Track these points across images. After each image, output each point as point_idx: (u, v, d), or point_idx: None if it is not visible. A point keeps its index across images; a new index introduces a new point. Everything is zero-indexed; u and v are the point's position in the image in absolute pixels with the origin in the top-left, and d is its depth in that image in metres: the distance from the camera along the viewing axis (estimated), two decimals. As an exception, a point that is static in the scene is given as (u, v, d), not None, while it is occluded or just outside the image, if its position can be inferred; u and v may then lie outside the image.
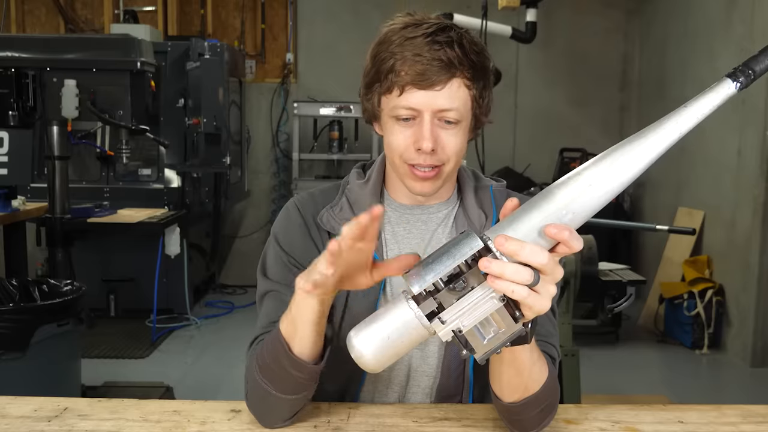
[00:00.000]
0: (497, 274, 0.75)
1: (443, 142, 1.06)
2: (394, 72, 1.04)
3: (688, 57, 5.04)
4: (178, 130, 4.75)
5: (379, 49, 1.07)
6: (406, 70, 1.03)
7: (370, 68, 1.09)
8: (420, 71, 1.02)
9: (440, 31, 1.04)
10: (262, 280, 1.15)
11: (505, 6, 3.32)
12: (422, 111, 1.05)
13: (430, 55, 1.02)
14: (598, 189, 0.78)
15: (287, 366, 0.99)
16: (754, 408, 1.17)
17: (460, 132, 1.08)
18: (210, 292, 5.60)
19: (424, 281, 0.77)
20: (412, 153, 1.07)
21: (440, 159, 1.07)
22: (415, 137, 1.06)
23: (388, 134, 1.10)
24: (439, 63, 1.02)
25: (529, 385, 0.98)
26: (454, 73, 1.04)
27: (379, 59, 1.06)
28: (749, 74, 0.79)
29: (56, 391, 2.37)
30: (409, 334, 0.81)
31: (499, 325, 0.79)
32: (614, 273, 4.28)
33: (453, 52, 1.02)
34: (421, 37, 1.03)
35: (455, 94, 1.05)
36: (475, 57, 1.05)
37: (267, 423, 1.07)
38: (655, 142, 0.79)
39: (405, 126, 1.07)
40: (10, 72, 3.19)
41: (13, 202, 3.64)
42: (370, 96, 1.11)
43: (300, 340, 0.98)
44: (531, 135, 5.98)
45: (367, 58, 1.10)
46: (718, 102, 0.79)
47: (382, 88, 1.07)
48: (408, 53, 1.03)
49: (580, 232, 0.80)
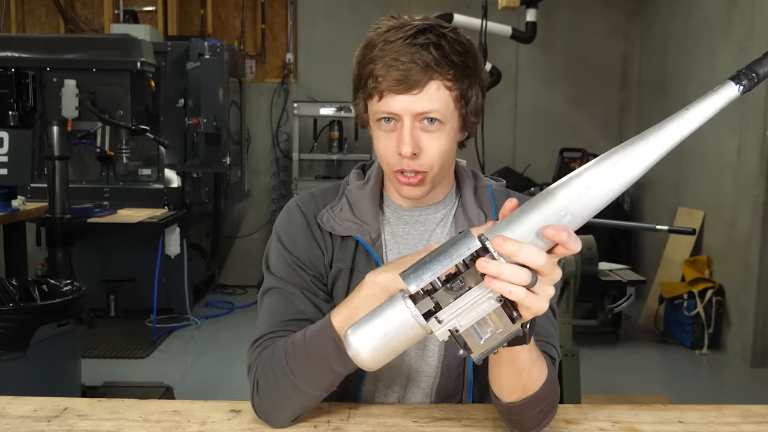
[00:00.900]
0: (494, 275, 0.75)
1: (425, 147, 1.06)
2: (373, 77, 1.04)
3: (688, 57, 5.04)
4: (178, 130, 4.75)
5: (363, 55, 1.07)
6: (383, 75, 1.03)
7: (355, 74, 1.09)
8: (397, 77, 1.02)
9: (419, 33, 1.03)
10: (267, 275, 1.16)
11: (505, 6, 3.31)
12: (402, 115, 1.04)
13: (406, 58, 1.01)
14: (597, 191, 0.78)
15: (333, 360, 0.99)
16: (754, 408, 1.17)
17: (444, 134, 1.07)
18: (210, 292, 5.60)
19: (422, 280, 0.77)
20: (396, 158, 1.07)
21: (422, 164, 1.07)
22: (397, 142, 1.06)
23: (375, 140, 1.11)
24: (415, 66, 1.01)
25: (529, 385, 0.98)
26: (432, 76, 1.02)
27: (362, 65, 1.06)
28: (752, 77, 0.79)
29: (56, 391, 2.37)
30: (405, 333, 0.81)
31: (497, 326, 0.79)
32: (614, 273, 4.28)
33: (429, 55, 1.01)
34: (401, 40, 1.02)
35: (434, 96, 1.03)
36: (456, 57, 1.03)
37: (276, 421, 1.06)
38: (656, 144, 0.78)
39: (388, 131, 1.07)
40: (10, 72, 3.19)
41: (13, 202, 3.64)
42: (357, 102, 1.11)
43: None
44: (531, 135, 5.98)
45: (353, 64, 1.10)
46: (721, 105, 0.79)
47: (365, 94, 1.07)
48: (387, 58, 1.02)
49: (580, 232, 0.80)
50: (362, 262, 1.15)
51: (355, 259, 1.16)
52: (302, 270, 1.14)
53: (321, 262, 1.15)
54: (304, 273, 1.13)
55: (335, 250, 1.16)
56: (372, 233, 1.15)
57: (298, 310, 1.09)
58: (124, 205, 4.22)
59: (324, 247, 1.16)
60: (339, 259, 1.16)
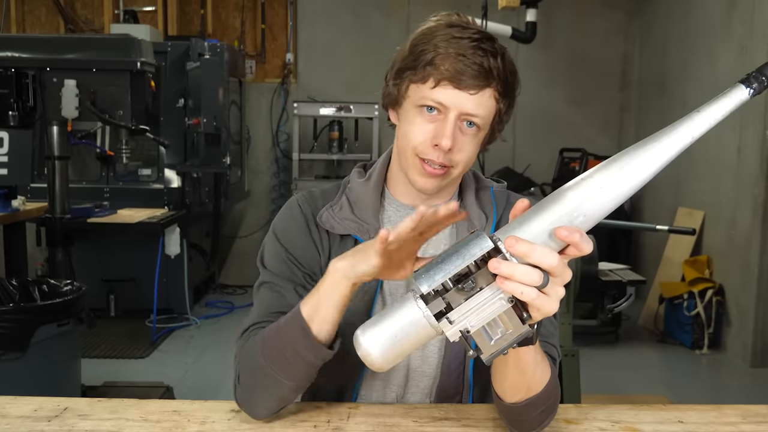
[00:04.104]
0: (507, 275, 0.75)
1: (460, 145, 1.08)
2: (433, 65, 1.05)
3: (688, 57, 5.04)
4: (178, 130, 4.75)
5: (422, 39, 1.08)
6: (446, 66, 1.04)
7: (407, 55, 1.09)
8: (460, 70, 1.03)
9: (486, 39, 1.06)
10: (262, 270, 1.16)
11: (505, 6, 3.32)
12: (450, 109, 1.06)
13: (472, 58, 1.03)
14: (609, 192, 0.79)
15: (301, 347, 0.99)
16: (754, 408, 1.17)
17: (477, 140, 1.10)
18: (210, 292, 5.60)
19: (433, 281, 0.77)
20: (428, 148, 1.08)
21: (452, 160, 1.08)
22: (436, 133, 1.07)
23: (407, 123, 1.11)
24: (479, 68, 1.04)
25: (533, 386, 0.98)
26: (489, 83, 1.05)
27: (419, 49, 1.07)
28: (762, 81, 0.80)
29: (56, 391, 2.36)
30: (416, 334, 0.81)
31: (507, 326, 0.79)
32: (614, 273, 4.28)
33: (495, 63, 1.05)
34: (468, 39, 1.05)
35: (485, 103, 1.06)
36: (509, 75, 1.08)
37: (256, 412, 1.07)
38: (668, 146, 0.80)
39: (427, 119, 1.08)
40: (10, 72, 3.19)
41: (13, 202, 3.64)
42: (399, 81, 1.11)
43: (321, 321, 0.98)
44: (531, 135, 5.97)
45: (406, 45, 1.11)
46: (732, 107, 0.80)
47: (415, 76, 1.08)
48: (452, 50, 1.04)
49: (579, 231, 0.80)
50: None
51: None
52: (296, 267, 1.14)
53: (317, 262, 1.15)
54: (298, 270, 1.14)
55: (333, 249, 1.15)
56: (371, 232, 1.15)
57: (288, 304, 1.09)
58: (124, 205, 4.22)
59: (321, 247, 1.16)
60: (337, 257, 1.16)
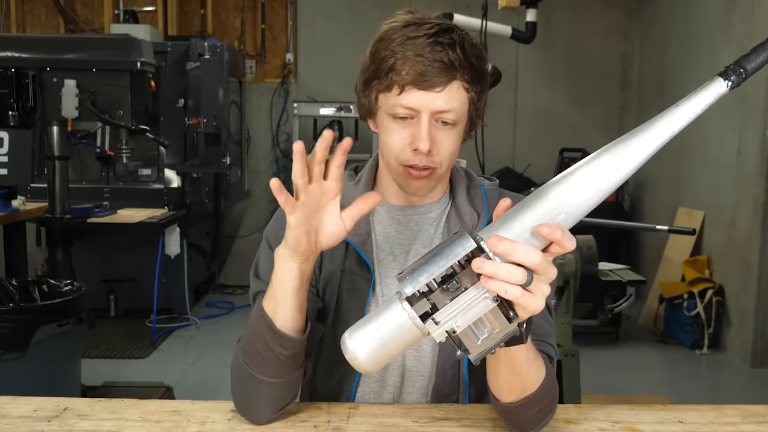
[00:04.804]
0: (490, 274, 0.75)
1: (439, 144, 1.06)
2: (394, 71, 1.04)
3: (688, 57, 5.04)
4: (178, 130, 4.75)
5: (380, 47, 1.06)
6: (407, 69, 1.03)
7: (369, 65, 1.08)
8: (421, 71, 1.02)
9: (442, 32, 1.03)
10: (254, 281, 1.16)
11: (505, 6, 3.31)
12: (421, 111, 1.04)
13: (431, 56, 1.02)
14: (590, 189, 0.78)
15: (270, 342, 0.99)
16: (754, 408, 1.17)
17: (456, 134, 1.08)
18: (210, 292, 5.60)
19: (417, 282, 0.77)
20: (409, 153, 1.07)
21: (434, 161, 1.07)
22: (413, 137, 1.06)
23: (384, 133, 1.10)
24: (440, 64, 1.02)
25: (527, 385, 0.98)
26: (454, 75, 1.03)
27: (380, 57, 1.06)
28: (740, 73, 0.79)
29: (56, 391, 2.37)
30: (402, 335, 0.81)
31: (493, 326, 0.79)
32: (614, 273, 4.28)
33: (455, 54, 1.02)
34: (423, 37, 1.03)
35: (454, 96, 1.04)
36: (474, 60, 1.05)
37: (252, 416, 1.06)
38: (647, 141, 0.79)
39: (402, 125, 1.07)
40: (10, 72, 3.18)
41: (13, 202, 3.64)
42: (368, 92, 1.10)
43: (283, 312, 0.98)
44: (531, 135, 5.98)
45: (366, 55, 1.09)
46: (710, 101, 0.79)
47: (381, 86, 1.07)
48: (409, 53, 1.02)
49: (579, 231, 0.80)
50: (353, 263, 1.15)
51: (345, 260, 1.16)
52: None
53: None
54: None
55: (325, 253, 1.14)
56: (361, 234, 1.15)
57: None
58: (124, 205, 4.22)
59: None
60: (330, 261, 1.16)
